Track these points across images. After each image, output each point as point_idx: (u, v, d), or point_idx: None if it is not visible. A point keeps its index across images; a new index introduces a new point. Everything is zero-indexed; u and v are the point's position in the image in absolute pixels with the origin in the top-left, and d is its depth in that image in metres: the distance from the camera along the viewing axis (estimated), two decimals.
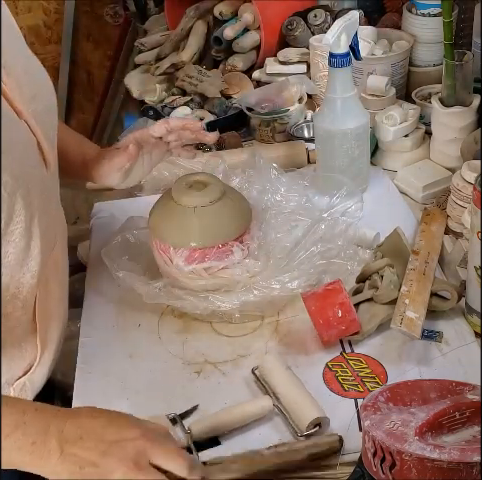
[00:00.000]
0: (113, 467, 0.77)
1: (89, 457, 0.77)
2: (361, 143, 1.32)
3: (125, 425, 0.81)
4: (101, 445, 0.78)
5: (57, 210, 1.06)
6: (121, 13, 2.60)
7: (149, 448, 0.78)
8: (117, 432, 0.79)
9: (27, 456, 0.78)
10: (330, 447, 0.89)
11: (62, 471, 0.78)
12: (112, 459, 0.77)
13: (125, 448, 0.78)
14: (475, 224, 0.99)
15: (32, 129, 0.91)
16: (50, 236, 0.99)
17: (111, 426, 0.80)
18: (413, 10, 1.54)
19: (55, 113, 1.00)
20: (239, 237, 1.13)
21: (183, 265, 1.10)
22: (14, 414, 0.79)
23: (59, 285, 1.05)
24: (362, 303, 1.09)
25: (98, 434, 0.79)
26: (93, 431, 0.79)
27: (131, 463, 0.77)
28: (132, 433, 0.79)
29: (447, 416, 0.74)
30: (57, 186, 1.04)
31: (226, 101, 1.65)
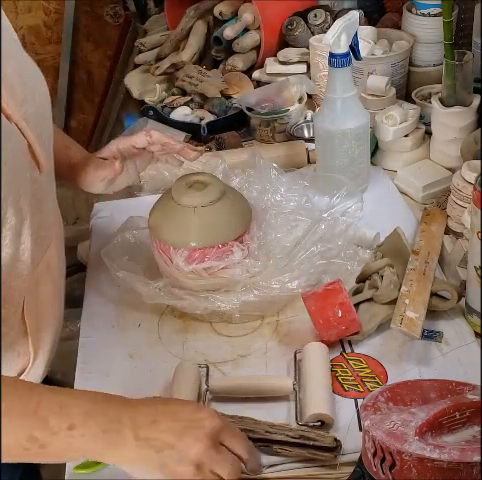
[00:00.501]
0: (190, 446, 0.78)
1: (165, 439, 0.78)
2: (361, 143, 1.32)
3: (196, 408, 0.83)
4: (176, 426, 0.79)
5: (52, 210, 1.05)
6: (121, 13, 2.60)
7: (221, 429, 0.80)
8: (190, 413, 0.81)
9: (99, 444, 0.78)
10: (325, 439, 0.90)
11: (138, 458, 0.78)
12: (188, 438, 0.78)
13: (200, 427, 0.79)
14: (475, 224, 0.99)
15: (23, 132, 0.90)
16: (43, 238, 0.99)
17: (183, 409, 0.82)
18: (413, 10, 1.55)
19: (49, 116, 1.01)
20: (239, 237, 1.13)
21: (183, 265, 1.10)
22: (84, 404, 0.79)
23: (51, 285, 1.05)
24: (362, 303, 1.09)
25: (171, 416, 0.80)
26: (166, 414, 0.80)
27: (208, 441, 0.78)
28: (205, 413, 0.81)
29: (447, 416, 0.74)
30: (52, 187, 1.04)
31: (226, 101, 1.65)
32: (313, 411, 0.93)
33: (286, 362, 1.04)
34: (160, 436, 0.78)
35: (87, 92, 2.79)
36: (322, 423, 0.93)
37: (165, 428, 0.78)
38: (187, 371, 1.01)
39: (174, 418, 0.80)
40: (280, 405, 0.98)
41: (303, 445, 0.90)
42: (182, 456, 0.77)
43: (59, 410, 0.77)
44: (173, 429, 0.78)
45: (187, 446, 0.78)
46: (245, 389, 0.99)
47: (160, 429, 0.78)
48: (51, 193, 1.04)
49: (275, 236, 1.20)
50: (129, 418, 0.78)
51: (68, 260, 1.11)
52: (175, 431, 0.78)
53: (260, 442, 0.91)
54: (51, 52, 2.68)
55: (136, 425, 0.78)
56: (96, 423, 0.77)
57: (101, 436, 0.77)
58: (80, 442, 0.77)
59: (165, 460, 0.77)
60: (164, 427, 0.78)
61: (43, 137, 0.96)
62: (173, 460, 0.77)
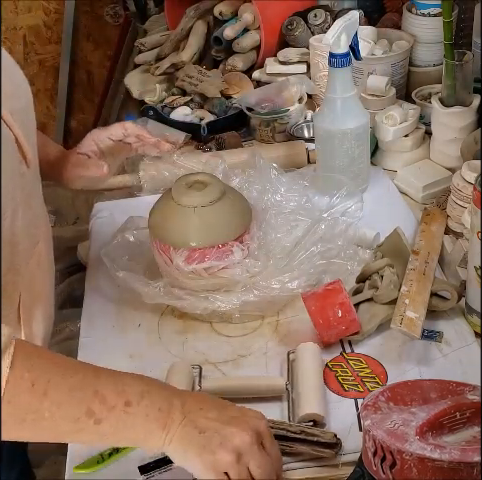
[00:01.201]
0: (235, 434, 0.79)
1: (211, 425, 0.80)
2: (361, 143, 1.32)
3: (244, 408, 0.84)
4: (223, 416, 0.81)
5: (40, 208, 1.06)
6: (121, 13, 2.60)
7: (265, 430, 0.82)
8: (239, 410, 0.83)
9: (154, 423, 0.79)
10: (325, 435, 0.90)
11: (181, 437, 0.79)
12: (234, 428, 0.80)
13: (247, 422, 0.81)
14: (475, 224, 0.99)
15: (10, 127, 0.91)
16: (33, 235, 0.99)
17: (232, 406, 0.84)
18: (413, 10, 1.54)
19: (32, 114, 1.01)
20: (239, 237, 1.13)
21: (183, 265, 1.10)
22: (139, 385, 0.81)
23: (43, 283, 1.05)
24: (362, 303, 1.09)
25: (220, 408, 0.82)
26: (215, 406, 0.83)
27: (253, 434, 0.80)
28: (252, 413, 0.83)
29: (448, 416, 0.74)
30: (39, 184, 1.04)
31: (226, 101, 1.65)
32: (305, 411, 0.93)
33: (286, 362, 1.04)
34: (207, 421, 0.80)
35: (87, 92, 2.79)
36: (314, 423, 0.93)
37: (213, 416, 0.81)
38: (180, 371, 1.02)
39: (222, 410, 0.82)
40: (273, 405, 0.98)
41: (304, 441, 0.90)
42: (225, 441, 0.79)
43: (115, 388, 0.79)
44: (220, 419, 0.81)
45: (232, 433, 0.79)
46: (238, 389, 1.00)
47: (208, 416, 0.80)
48: (38, 191, 1.04)
49: (275, 236, 1.19)
50: (180, 402, 0.81)
51: (68, 260, 1.12)
52: (222, 420, 0.80)
53: None
54: (51, 52, 2.68)
55: (186, 409, 0.80)
56: (150, 403, 0.79)
57: (153, 415, 0.79)
58: (133, 419, 0.79)
59: (207, 442, 0.79)
60: (212, 415, 0.81)
61: (29, 133, 0.97)
62: (215, 443, 0.79)
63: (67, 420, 0.77)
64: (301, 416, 0.93)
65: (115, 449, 0.94)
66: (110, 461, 0.93)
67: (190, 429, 0.79)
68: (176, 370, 1.02)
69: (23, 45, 2.63)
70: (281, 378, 1.01)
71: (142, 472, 0.90)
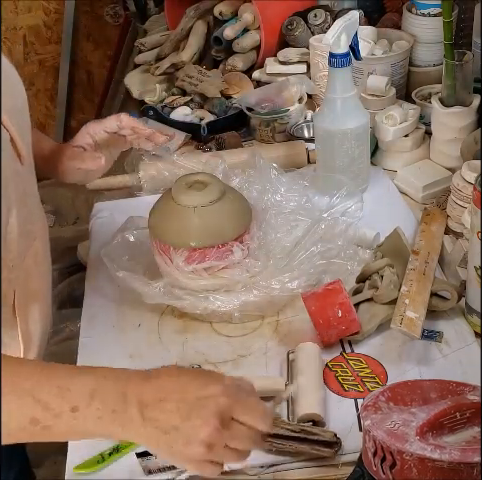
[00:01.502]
0: (197, 428, 0.75)
1: (171, 421, 0.75)
2: (361, 143, 1.32)
3: (206, 382, 0.78)
4: (183, 407, 0.75)
5: (36, 207, 1.06)
6: (121, 13, 2.60)
7: (230, 405, 0.76)
8: (198, 389, 0.77)
9: (109, 426, 0.75)
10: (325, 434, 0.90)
11: (146, 438, 0.76)
12: (195, 420, 0.75)
13: (207, 407, 0.75)
14: (475, 224, 0.99)
15: (6, 127, 0.91)
16: (28, 231, 0.99)
17: (192, 384, 0.78)
18: (413, 10, 1.55)
19: (27, 113, 1.01)
20: (239, 237, 1.13)
21: (183, 265, 1.10)
22: (86, 385, 0.76)
23: (40, 280, 1.05)
24: (362, 303, 1.09)
25: (179, 394, 0.76)
26: (173, 392, 0.76)
27: (216, 421, 0.75)
28: (213, 390, 0.77)
29: (448, 416, 0.74)
30: (34, 182, 1.04)
31: (226, 101, 1.65)
32: (304, 411, 0.94)
33: (286, 362, 1.04)
34: (166, 417, 0.75)
35: (87, 92, 2.79)
36: (313, 423, 0.93)
37: (171, 408, 0.75)
38: None
39: (181, 397, 0.76)
40: (272, 405, 0.98)
41: (304, 440, 0.90)
42: (190, 439, 0.75)
43: (60, 391, 0.75)
44: (180, 410, 0.75)
45: (194, 428, 0.75)
46: None
47: (167, 409, 0.75)
48: (33, 188, 1.04)
49: (275, 236, 1.19)
50: (135, 396, 0.76)
51: (68, 260, 1.12)
52: (182, 412, 0.75)
53: None
54: (51, 52, 2.68)
55: (142, 404, 0.75)
56: (102, 404, 0.75)
57: (107, 418, 0.75)
58: (84, 424, 0.75)
59: (173, 442, 0.75)
60: (170, 407, 0.76)
61: (23, 132, 0.98)
62: (181, 443, 0.75)
63: (16, 428, 0.75)
64: (300, 416, 0.94)
65: (115, 449, 0.94)
66: (110, 461, 0.93)
67: (152, 430, 0.75)
68: None
69: (23, 45, 2.63)
70: (281, 378, 1.01)
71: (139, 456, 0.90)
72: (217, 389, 0.77)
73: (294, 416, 0.95)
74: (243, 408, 0.78)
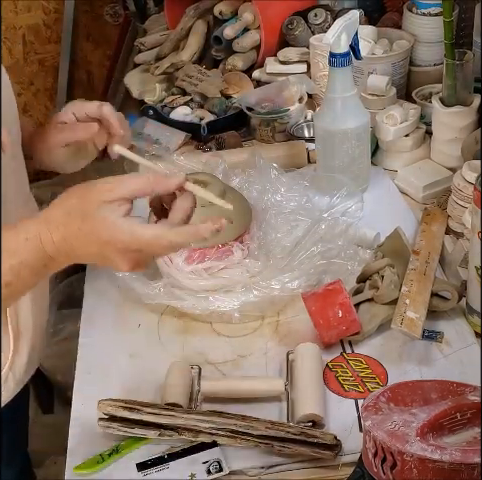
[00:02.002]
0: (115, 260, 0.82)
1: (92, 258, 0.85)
2: (361, 143, 1.31)
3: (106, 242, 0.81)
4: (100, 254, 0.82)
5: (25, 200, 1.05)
6: (121, 13, 2.60)
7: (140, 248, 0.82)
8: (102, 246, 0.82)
9: (47, 271, 0.86)
10: (325, 436, 0.90)
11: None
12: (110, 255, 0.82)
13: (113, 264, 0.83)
14: (476, 224, 0.99)
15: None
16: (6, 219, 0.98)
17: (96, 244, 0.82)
18: (413, 9, 1.54)
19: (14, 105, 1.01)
20: (239, 237, 1.13)
21: (183, 265, 1.10)
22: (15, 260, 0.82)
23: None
24: (362, 303, 1.09)
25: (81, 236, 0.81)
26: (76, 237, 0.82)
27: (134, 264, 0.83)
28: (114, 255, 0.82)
29: (448, 417, 0.74)
30: (20, 175, 1.03)
31: (226, 101, 1.65)
32: (304, 411, 0.93)
33: (286, 362, 1.04)
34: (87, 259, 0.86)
35: (87, 92, 2.79)
36: (313, 423, 0.93)
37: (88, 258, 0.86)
38: (179, 372, 1.02)
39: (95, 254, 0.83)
40: (272, 406, 0.98)
41: (304, 443, 0.90)
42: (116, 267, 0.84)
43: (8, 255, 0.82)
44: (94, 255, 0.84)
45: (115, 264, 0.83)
46: (237, 390, 0.99)
47: (85, 258, 0.86)
48: (21, 183, 1.03)
49: (275, 236, 1.19)
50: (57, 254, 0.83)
51: None
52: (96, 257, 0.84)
53: (261, 439, 0.91)
54: (51, 52, 2.68)
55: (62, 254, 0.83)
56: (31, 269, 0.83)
57: (42, 270, 0.84)
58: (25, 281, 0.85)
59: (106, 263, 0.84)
60: (87, 258, 0.86)
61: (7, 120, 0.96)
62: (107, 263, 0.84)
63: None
64: (300, 417, 0.93)
65: (115, 449, 0.94)
66: (110, 461, 0.93)
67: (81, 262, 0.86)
68: (175, 370, 1.02)
69: (23, 45, 2.63)
70: (280, 379, 1.00)
71: (140, 469, 0.90)
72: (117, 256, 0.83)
73: (294, 417, 0.94)
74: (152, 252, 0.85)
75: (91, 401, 0.97)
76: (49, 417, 1.95)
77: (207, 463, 0.91)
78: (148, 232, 0.81)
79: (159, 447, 0.94)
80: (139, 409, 0.94)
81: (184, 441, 0.94)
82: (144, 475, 0.90)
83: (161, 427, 0.94)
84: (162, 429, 0.93)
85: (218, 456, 0.91)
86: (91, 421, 0.96)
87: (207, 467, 0.90)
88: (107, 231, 0.80)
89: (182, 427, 0.93)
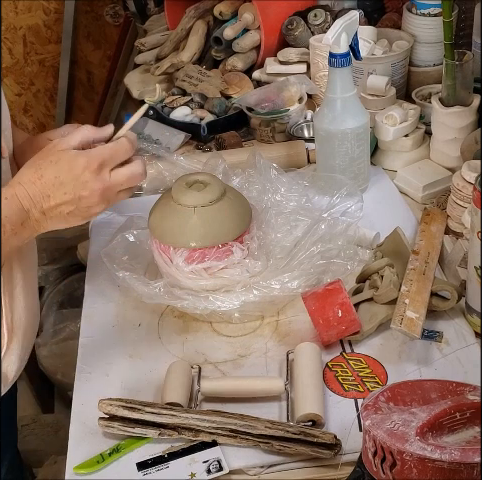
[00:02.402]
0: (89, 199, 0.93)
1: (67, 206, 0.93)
2: (361, 143, 1.32)
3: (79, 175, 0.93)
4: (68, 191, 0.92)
5: None
6: (121, 13, 2.60)
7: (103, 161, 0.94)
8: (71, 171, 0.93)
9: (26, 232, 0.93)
10: (325, 436, 0.90)
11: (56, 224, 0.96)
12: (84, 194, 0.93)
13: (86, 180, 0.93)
14: (475, 224, 0.99)
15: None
16: None
17: (64, 170, 0.93)
18: (413, 10, 1.55)
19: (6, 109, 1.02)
20: (239, 237, 1.13)
21: (183, 265, 1.10)
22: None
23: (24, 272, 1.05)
24: (362, 303, 1.09)
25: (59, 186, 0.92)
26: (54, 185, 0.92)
27: (103, 193, 0.94)
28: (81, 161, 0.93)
29: (448, 416, 0.74)
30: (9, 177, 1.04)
31: (226, 101, 1.65)
32: (304, 411, 0.93)
33: (286, 362, 1.04)
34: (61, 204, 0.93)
35: (87, 92, 2.79)
36: (313, 423, 0.93)
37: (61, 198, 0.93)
38: (179, 371, 1.02)
39: (62, 184, 0.93)
40: (272, 405, 0.99)
41: (303, 442, 0.90)
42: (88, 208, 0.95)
43: None
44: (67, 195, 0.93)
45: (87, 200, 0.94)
46: (237, 390, 1.00)
47: (58, 200, 0.93)
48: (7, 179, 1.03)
49: (275, 236, 1.19)
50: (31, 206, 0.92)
51: (68, 260, 1.12)
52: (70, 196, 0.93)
53: (261, 438, 0.91)
54: (51, 52, 2.68)
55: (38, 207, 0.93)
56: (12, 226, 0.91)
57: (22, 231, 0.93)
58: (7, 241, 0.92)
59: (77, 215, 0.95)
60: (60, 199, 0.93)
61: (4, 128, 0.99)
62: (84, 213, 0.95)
63: None
64: (300, 416, 0.93)
65: (115, 449, 0.94)
66: (110, 460, 0.93)
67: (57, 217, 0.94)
68: (175, 370, 1.02)
69: (23, 45, 2.63)
70: (280, 378, 1.01)
71: (140, 468, 0.90)
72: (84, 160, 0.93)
73: (294, 416, 0.95)
74: (114, 160, 0.95)
75: (91, 401, 0.98)
76: (49, 417, 1.95)
77: (207, 462, 0.91)
78: (103, 147, 0.96)
79: (159, 446, 0.94)
80: (139, 408, 0.94)
81: (184, 440, 0.94)
82: (144, 474, 0.90)
83: (161, 426, 0.94)
84: (162, 428, 0.94)
85: (218, 455, 0.91)
86: (91, 421, 0.97)
87: (207, 466, 0.91)
88: (75, 161, 0.93)
89: (182, 426, 0.93)
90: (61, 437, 1.68)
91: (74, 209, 0.94)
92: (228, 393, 0.99)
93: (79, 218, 0.96)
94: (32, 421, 1.88)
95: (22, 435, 1.82)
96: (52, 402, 2.06)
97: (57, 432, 1.83)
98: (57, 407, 2.04)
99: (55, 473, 1.66)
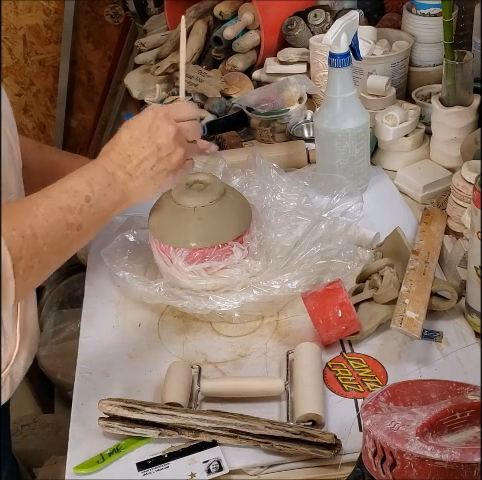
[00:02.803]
0: (167, 148, 1.00)
1: (149, 161, 0.99)
2: (361, 143, 1.32)
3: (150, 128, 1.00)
4: (146, 145, 0.99)
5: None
6: (121, 13, 2.60)
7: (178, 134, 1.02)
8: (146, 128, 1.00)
9: (114, 197, 0.97)
10: (325, 436, 0.90)
11: (143, 184, 1.00)
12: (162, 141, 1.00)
13: (158, 129, 1.00)
14: (475, 224, 0.99)
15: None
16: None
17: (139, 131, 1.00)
18: (413, 10, 1.54)
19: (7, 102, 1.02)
20: (239, 237, 1.13)
21: (183, 265, 1.10)
22: (82, 180, 0.94)
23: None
24: (362, 303, 1.09)
25: (136, 144, 0.99)
26: (131, 145, 0.99)
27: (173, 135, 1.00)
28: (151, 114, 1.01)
29: (448, 416, 0.74)
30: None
31: (226, 101, 1.65)
32: (304, 411, 0.93)
33: (286, 362, 1.04)
34: (143, 161, 0.99)
35: (87, 92, 2.79)
36: (313, 423, 0.93)
37: (140, 154, 0.99)
38: (179, 371, 1.02)
39: (139, 142, 0.99)
40: (272, 405, 0.99)
41: (303, 442, 0.90)
42: (169, 156, 1.01)
43: (68, 195, 0.92)
44: (146, 149, 0.99)
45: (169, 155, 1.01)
46: (237, 390, 1.00)
47: (138, 157, 0.99)
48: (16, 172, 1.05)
49: (275, 236, 1.20)
50: (114, 167, 0.97)
51: (68, 260, 1.11)
52: (149, 149, 0.99)
53: (260, 438, 0.91)
54: (51, 52, 2.68)
55: (122, 167, 0.98)
56: (99, 185, 0.95)
57: (108, 192, 0.96)
58: (100, 206, 0.95)
59: (162, 168, 1.01)
60: (139, 155, 0.99)
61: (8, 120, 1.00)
62: (166, 160, 1.01)
63: (60, 241, 0.90)
64: (300, 416, 0.93)
65: (115, 449, 0.94)
66: (110, 460, 0.93)
67: (141, 176, 0.99)
68: (175, 370, 1.02)
69: (23, 45, 2.63)
70: (280, 378, 1.01)
71: (140, 468, 0.90)
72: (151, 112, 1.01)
73: (294, 416, 0.95)
74: (177, 112, 1.03)
75: (91, 401, 0.98)
76: (49, 417, 1.95)
77: (207, 462, 0.91)
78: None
79: (159, 446, 0.94)
80: (139, 408, 0.94)
81: (184, 440, 0.94)
82: (144, 474, 0.90)
83: (161, 426, 0.94)
84: (162, 428, 0.94)
85: (218, 455, 0.91)
86: (91, 421, 0.97)
87: (207, 466, 0.91)
88: (143, 115, 1.01)
89: (182, 426, 0.93)
90: (61, 437, 1.68)
91: (156, 162, 1.00)
92: (228, 393, 0.99)
93: (164, 173, 1.01)
94: (32, 421, 1.88)
95: (22, 435, 1.82)
96: (52, 402, 2.05)
97: (57, 432, 1.83)
98: (57, 407, 2.04)
99: (55, 473, 1.66)
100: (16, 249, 0.83)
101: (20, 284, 0.85)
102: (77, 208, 0.91)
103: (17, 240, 0.84)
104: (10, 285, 0.83)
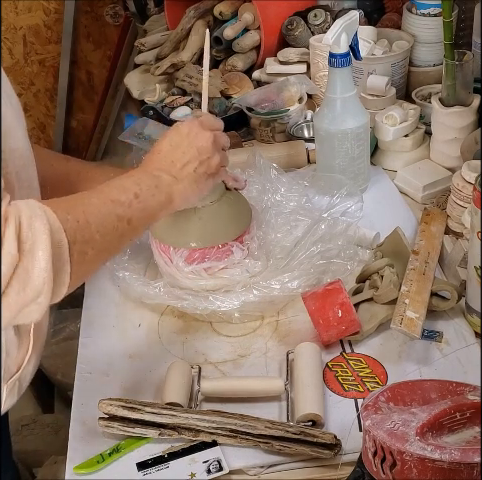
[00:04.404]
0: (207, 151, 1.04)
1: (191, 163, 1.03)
2: (361, 143, 1.32)
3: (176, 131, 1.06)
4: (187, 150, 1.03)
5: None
6: (121, 13, 2.60)
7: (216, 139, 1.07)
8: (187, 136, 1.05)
9: (161, 197, 0.99)
10: (325, 436, 0.90)
11: (188, 184, 1.03)
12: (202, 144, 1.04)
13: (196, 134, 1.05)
14: (475, 224, 0.99)
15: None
16: None
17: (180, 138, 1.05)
18: (413, 10, 1.55)
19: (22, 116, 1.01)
20: (239, 237, 1.13)
21: (183, 265, 1.10)
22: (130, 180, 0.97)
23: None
24: (362, 303, 1.09)
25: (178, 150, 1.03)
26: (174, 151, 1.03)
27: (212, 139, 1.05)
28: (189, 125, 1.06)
29: (448, 416, 0.74)
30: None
31: (226, 101, 1.65)
32: (304, 411, 0.94)
33: (286, 362, 1.04)
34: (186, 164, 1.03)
35: (87, 92, 2.79)
36: (313, 423, 0.93)
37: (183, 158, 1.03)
38: (179, 371, 1.02)
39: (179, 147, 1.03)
40: (272, 405, 0.99)
41: (303, 442, 0.90)
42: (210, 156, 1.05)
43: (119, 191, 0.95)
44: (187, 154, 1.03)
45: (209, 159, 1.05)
46: (237, 390, 1.00)
47: (181, 161, 1.02)
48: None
49: (275, 236, 1.20)
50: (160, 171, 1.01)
51: None
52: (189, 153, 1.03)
53: (260, 438, 0.91)
54: (51, 52, 2.68)
55: (166, 171, 1.01)
56: (146, 186, 0.97)
57: (155, 192, 0.98)
58: (148, 204, 0.97)
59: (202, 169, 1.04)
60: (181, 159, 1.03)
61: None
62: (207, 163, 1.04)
63: (112, 232, 0.91)
64: (300, 416, 0.93)
65: (115, 449, 0.94)
66: (110, 460, 0.93)
67: (185, 177, 1.02)
68: (175, 370, 1.02)
69: (23, 45, 2.63)
70: (280, 378, 1.01)
71: (140, 468, 0.90)
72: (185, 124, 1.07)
73: (294, 416, 0.95)
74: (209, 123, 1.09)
75: (91, 401, 0.98)
76: (49, 417, 1.95)
77: (207, 462, 0.91)
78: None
79: (159, 446, 0.94)
80: (139, 408, 0.94)
81: (184, 440, 0.94)
82: (144, 474, 0.90)
83: (161, 426, 0.94)
84: (162, 428, 0.94)
85: (218, 455, 0.92)
86: (91, 421, 0.97)
87: (207, 466, 0.91)
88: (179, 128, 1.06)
89: (182, 426, 0.93)
90: (61, 437, 1.68)
91: (198, 165, 1.03)
92: (228, 393, 0.99)
93: (205, 176, 1.04)
94: (32, 421, 1.88)
95: (22, 435, 1.82)
96: (52, 402, 2.05)
97: (57, 432, 1.83)
98: (57, 407, 2.03)
99: (55, 473, 1.66)
100: (71, 232, 0.83)
101: (75, 269, 0.84)
102: (126, 202, 0.94)
103: (72, 224, 0.84)
104: (66, 268, 0.83)
